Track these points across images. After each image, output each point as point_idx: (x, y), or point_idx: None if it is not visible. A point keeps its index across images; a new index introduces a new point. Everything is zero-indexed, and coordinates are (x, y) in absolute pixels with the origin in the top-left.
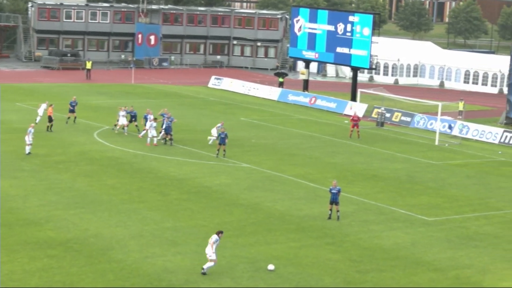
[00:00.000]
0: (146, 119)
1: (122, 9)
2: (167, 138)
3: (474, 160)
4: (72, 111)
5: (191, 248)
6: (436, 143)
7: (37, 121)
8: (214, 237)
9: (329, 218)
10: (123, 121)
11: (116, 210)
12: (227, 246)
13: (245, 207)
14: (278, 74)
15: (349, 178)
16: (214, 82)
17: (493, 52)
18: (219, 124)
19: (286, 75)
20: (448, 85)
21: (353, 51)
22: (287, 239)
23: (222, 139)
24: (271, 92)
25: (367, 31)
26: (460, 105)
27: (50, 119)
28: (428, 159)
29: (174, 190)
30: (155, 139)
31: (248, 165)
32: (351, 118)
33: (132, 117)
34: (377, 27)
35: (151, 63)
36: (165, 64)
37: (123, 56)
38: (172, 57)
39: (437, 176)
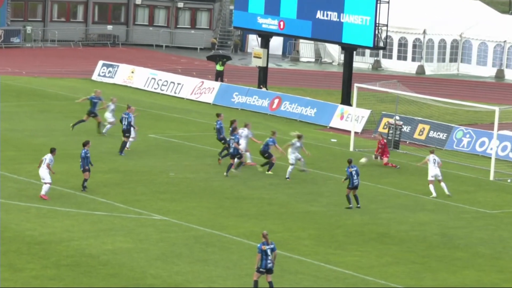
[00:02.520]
0: None
1: None
2: None
3: None
4: None
5: None
6: (491, 177)
7: None
8: (48, 156)
9: None
10: None
11: None
12: None
13: None
14: (215, 58)
15: (339, 239)
16: (102, 71)
17: None
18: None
19: (229, 59)
20: (511, 75)
21: (346, 18)
22: None
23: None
24: (203, 90)
25: None
26: None
27: None
28: (477, 206)
29: (32, 262)
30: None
31: (163, 217)
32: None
33: None
34: None
35: None
36: (16, 40)
37: None
38: (29, 28)
39: (493, 236)
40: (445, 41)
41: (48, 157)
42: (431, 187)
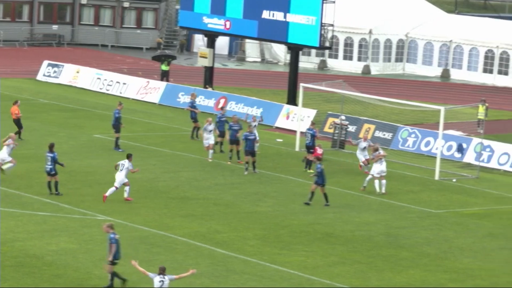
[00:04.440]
0: None
1: None
2: None
3: (502, 207)
4: None
5: None
6: (436, 177)
7: None
8: (126, 162)
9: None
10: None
11: None
12: None
13: None
14: (161, 58)
15: (285, 239)
16: (47, 71)
17: None
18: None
19: (174, 58)
20: (456, 75)
21: (291, 17)
22: None
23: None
24: (149, 89)
25: None
26: (480, 111)
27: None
28: (422, 205)
29: None
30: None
31: (108, 217)
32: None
33: None
34: None
35: None
36: None
37: None
38: None
39: (438, 236)
40: (391, 40)
41: (126, 163)
42: (376, 182)
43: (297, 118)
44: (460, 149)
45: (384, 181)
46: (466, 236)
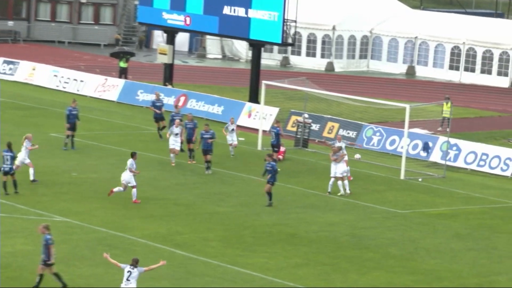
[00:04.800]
0: None
1: None
2: None
3: (469, 207)
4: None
5: None
6: (402, 176)
7: None
8: (130, 161)
9: None
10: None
11: None
12: None
13: None
14: (119, 55)
15: (247, 240)
16: (3, 68)
17: (501, 15)
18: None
19: (133, 55)
20: (422, 72)
21: (253, 13)
22: None
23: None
24: (107, 87)
25: None
26: (445, 108)
27: None
28: (387, 205)
29: None
30: None
31: (65, 218)
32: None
33: None
34: None
35: None
36: None
37: None
38: None
39: (404, 236)
40: (355, 37)
41: (129, 162)
42: (339, 183)
43: (259, 116)
44: (426, 148)
45: (346, 181)
46: (432, 236)
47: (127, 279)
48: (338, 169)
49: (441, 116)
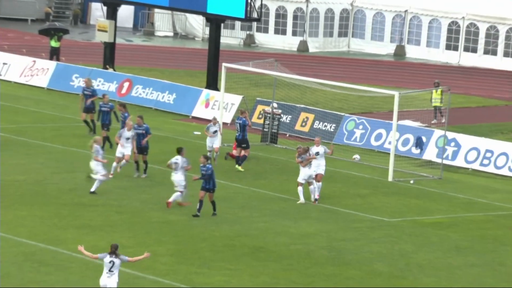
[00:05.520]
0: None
1: None
2: None
3: (470, 214)
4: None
5: None
6: (390, 178)
7: None
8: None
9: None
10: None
11: None
12: None
13: None
14: (50, 32)
15: (204, 255)
16: None
17: None
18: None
19: (66, 32)
20: (413, 52)
21: None
22: None
23: None
24: (35, 71)
25: None
26: (435, 96)
27: None
28: (372, 213)
29: None
30: None
31: None
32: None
33: None
34: None
35: None
36: None
37: None
38: None
39: (393, 250)
40: (333, 11)
41: (179, 160)
42: (300, 190)
43: (219, 106)
44: (419, 144)
45: (318, 184)
46: (427, 250)
47: (110, 270)
48: (302, 174)
49: (431, 106)
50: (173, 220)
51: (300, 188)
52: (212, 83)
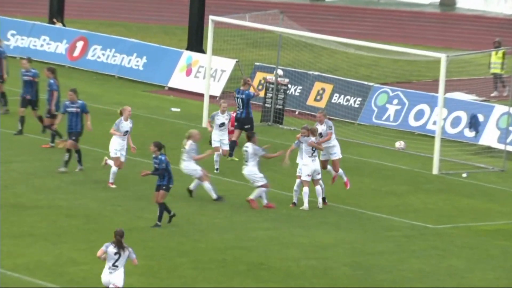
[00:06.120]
0: None
1: None
2: None
3: None
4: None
5: None
6: (435, 170)
7: None
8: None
9: None
10: None
11: None
12: None
13: None
14: None
15: (186, 273)
16: None
17: None
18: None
19: None
20: (465, 2)
21: None
22: None
23: None
24: None
25: None
26: (494, 60)
27: None
28: (412, 217)
29: None
30: None
31: None
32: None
33: None
34: None
35: None
36: None
37: None
38: None
39: (439, 267)
40: None
41: (249, 147)
42: (305, 191)
43: (204, 74)
44: (474, 124)
45: (319, 188)
46: (484, 267)
47: (113, 265)
48: (305, 169)
49: (489, 73)
50: (143, 226)
51: (306, 190)
52: (196, 43)
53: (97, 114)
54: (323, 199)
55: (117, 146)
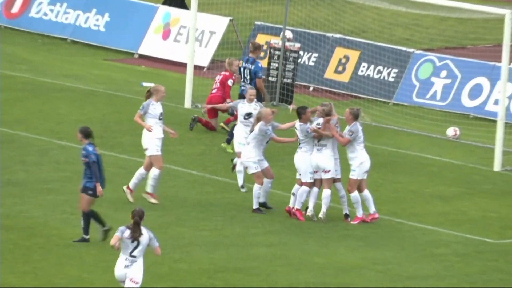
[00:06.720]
0: None
1: None
2: None
3: None
4: None
5: None
6: (497, 166)
7: None
8: None
9: None
10: None
11: None
12: None
13: None
14: None
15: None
16: None
17: None
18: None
19: None
20: None
21: None
22: None
23: None
24: None
25: None
26: None
27: None
28: (466, 229)
29: None
30: None
31: None
32: None
33: None
34: None
35: None
36: None
37: None
38: None
39: None
40: None
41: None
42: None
43: (188, 37)
44: None
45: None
46: None
47: (131, 255)
48: (316, 159)
49: None
50: (106, 240)
51: (315, 190)
52: None
53: (42, 91)
54: (345, 215)
55: (156, 140)
